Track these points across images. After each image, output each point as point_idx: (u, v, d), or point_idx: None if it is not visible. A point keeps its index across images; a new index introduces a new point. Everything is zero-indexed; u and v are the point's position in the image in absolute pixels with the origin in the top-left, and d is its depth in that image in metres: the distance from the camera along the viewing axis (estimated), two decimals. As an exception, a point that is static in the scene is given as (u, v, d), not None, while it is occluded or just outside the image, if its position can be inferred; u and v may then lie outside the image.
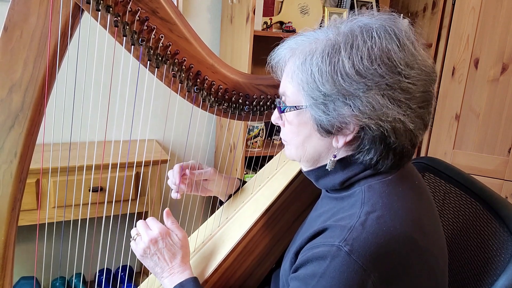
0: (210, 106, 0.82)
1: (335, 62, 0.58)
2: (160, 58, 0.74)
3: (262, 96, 0.84)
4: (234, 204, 0.99)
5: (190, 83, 0.78)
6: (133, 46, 0.72)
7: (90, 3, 0.67)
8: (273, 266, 0.89)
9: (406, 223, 0.58)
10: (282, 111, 0.67)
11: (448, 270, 0.68)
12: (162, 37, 0.72)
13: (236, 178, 1.05)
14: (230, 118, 0.85)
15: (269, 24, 1.85)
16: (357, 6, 2.05)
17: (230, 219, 0.94)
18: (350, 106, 0.58)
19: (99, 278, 1.88)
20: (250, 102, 0.84)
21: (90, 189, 1.51)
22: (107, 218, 1.50)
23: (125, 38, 0.71)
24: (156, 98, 1.85)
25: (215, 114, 0.84)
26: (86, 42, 0.81)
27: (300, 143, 0.67)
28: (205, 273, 0.83)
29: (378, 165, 0.62)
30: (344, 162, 0.65)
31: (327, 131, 0.62)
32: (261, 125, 1.83)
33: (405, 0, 2.12)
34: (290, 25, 1.85)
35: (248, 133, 1.80)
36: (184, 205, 1.79)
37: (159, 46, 0.73)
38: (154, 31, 0.72)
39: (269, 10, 1.87)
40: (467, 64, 1.82)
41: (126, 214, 1.70)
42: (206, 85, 0.80)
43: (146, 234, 0.79)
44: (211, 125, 2.09)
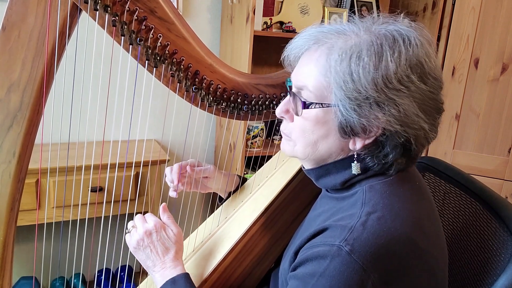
0: (208, 106, 0.82)
1: (380, 65, 0.57)
2: (158, 58, 0.74)
3: (261, 95, 0.84)
4: (233, 203, 0.99)
5: (189, 83, 0.78)
6: (131, 46, 0.72)
7: (88, 3, 0.67)
8: (272, 266, 0.89)
9: (407, 224, 0.58)
10: (306, 107, 0.62)
11: (448, 270, 0.68)
12: (160, 36, 0.72)
13: (235, 175, 1.05)
14: (229, 117, 0.85)
15: (269, 24, 1.85)
16: (357, 6, 2.04)
17: (229, 219, 0.94)
18: (385, 111, 0.58)
19: (99, 278, 1.88)
20: (249, 101, 0.84)
21: (89, 188, 1.51)
22: (107, 218, 1.50)
23: (123, 37, 0.70)
24: (155, 97, 1.85)
25: (214, 114, 0.84)
26: (84, 42, 0.80)
27: (312, 142, 0.65)
28: (204, 272, 0.83)
29: (390, 168, 0.62)
30: (347, 162, 0.65)
31: (351, 133, 0.61)
32: (261, 125, 1.83)
33: (405, 0, 2.11)
34: (290, 25, 1.84)
35: (248, 133, 1.80)
36: (183, 203, 1.79)
37: (157, 45, 0.73)
38: (152, 31, 0.72)
39: (269, 10, 1.87)
40: (467, 64, 1.82)
41: (126, 214, 1.70)
42: (204, 84, 0.79)
43: (142, 226, 0.78)
44: (211, 125, 2.09)
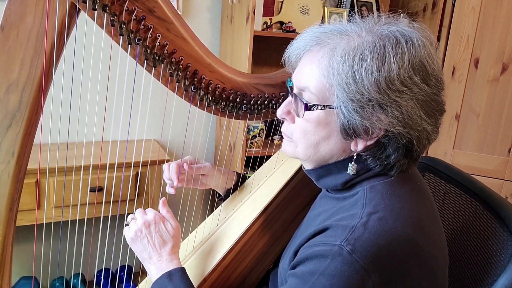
0: (207, 105, 0.82)
1: (383, 67, 0.56)
2: (157, 57, 0.74)
3: (260, 95, 0.84)
4: (232, 202, 0.99)
5: (188, 82, 0.78)
6: (130, 45, 0.72)
7: (86, 3, 0.67)
8: (271, 266, 0.89)
9: (408, 225, 0.58)
10: (308, 109, 0.62)
11: (448, 270, 0.68)
12: (159, 36, 0.72)
13: (233, 171, 1.05)
14: (228, 117, 0.85)
15: (269, 24, 1.85)
16: (357, 6, 2.04)
17: (228, 218, 0.94)
18: (388, 113, 0.58)
19: (99, 278, 1.88)
20: (248, 101, 0.84)
21: (88, 188, 1.51)
22: (107, 217, 1.50)
23: (122, 37, 0.70)
24: (154, 97, 1.84)
25: (213, 113, 0.84)
26: (83, 42, 0.80)
27: (313, 143, 0.65)
28: (203, 271, 0.83)
29: (392, 169, 0.62)
30: (348, 163, 0.64)
31: (351, 134, 0.60)
32: (260, 125, 1.83)
33: (405, 0, 2.11)
34: (290, 25, 1.84)
35: (247, 133, 1.80)
36: (183, 201, 1.79)
37: (156, 45, 0.73)
38: (151, 30, 0.71)
39: (269, 10, 1.87)
40: (467, 64, 1.81)
41: (126, 214, 1.70)
42: (203, 84, 0.79)
43: (141, 217, 0.79)
44: (211, 125, 2.09)
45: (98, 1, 0.67)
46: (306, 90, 0.63)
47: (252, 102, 0.84)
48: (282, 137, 0.72)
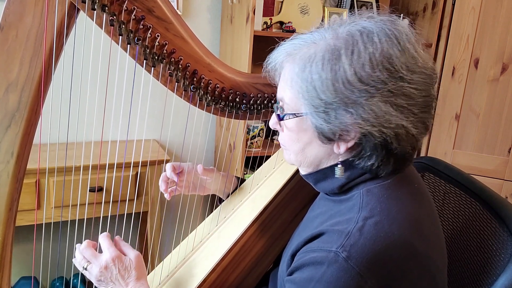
0: (207, 105, 0.82)
1: (336, 69, 0.56)
2: (156, 57, 0.74)
3: (259, 94, 0.84)
4: (231, 203, 0.99)
5: (187, 82, 0.78)
6: (129, 45, 0.71)
7: (85, 2, 0.67)
8: (271, 266, 0.89)
9: (404, 228, 0.57)
10: (281, 119, 0.65)
11: (447, 270, 0.68)
12: (158, 36, 0.72)
13: (234, 176, 1.05)
14: (227, 117, 0.85)
15: (269, 24, 1.85)
16: (357, 6, 2.04)
17: (227, 219, 0.94)
18: (352, 114, 0.57)
19: (99, 278, 1.88)
20: (248, 101, 0.84)
21: (88, 188, 1.51)
22: (107, 218, 1.50)
23: (121, 37, 0.70)
24: (154, 97, 1.84)
25: (212, 113, 0.84)
26: (82, 42, 0.80)
27: (300, 150, 0.66)
28: (202, 272, 0.82)
29: (379, 170, 0.62)
30: (344, 166, 0.64)
31: (328, 138, 0.61)
32: (260, 125, 1.83)
33: (405, 0, 2.11)
34: (290, 25, 1.84)
35: (247, 133, 1.80)
36: (182, 203, 1.79)
37: (155, 45, 0.73)
38: (150, 30, 0.71)
39: (269, 10, 1.87)
40: (467, 64, 1.81)
41: (126, 214, 1.70)
42: (203, 84, 0.79)
43: (97, 263, 0.75)
44: (211, 124, 2.09)
45: (97, 1, 0.67)
46: (283, 101, 0.65)
47: (251, 101, 0.84)
48: None
